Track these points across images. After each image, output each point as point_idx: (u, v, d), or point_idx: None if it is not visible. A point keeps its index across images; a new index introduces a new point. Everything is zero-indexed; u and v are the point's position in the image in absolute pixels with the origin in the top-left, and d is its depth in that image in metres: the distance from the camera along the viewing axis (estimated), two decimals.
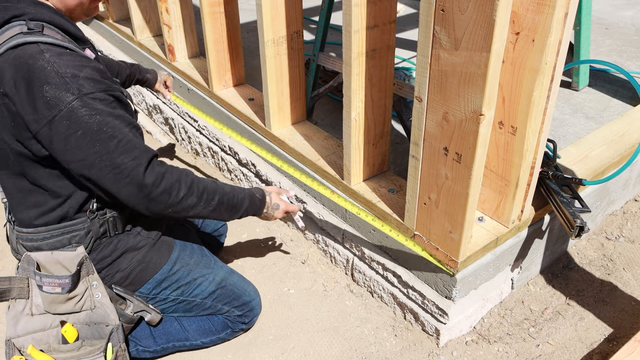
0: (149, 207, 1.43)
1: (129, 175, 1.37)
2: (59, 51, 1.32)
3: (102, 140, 1.32)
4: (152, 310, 1.65)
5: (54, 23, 1.38)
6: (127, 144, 1.36)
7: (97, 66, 1.38)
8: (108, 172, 1.35)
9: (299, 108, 2.32)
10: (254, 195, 1.65)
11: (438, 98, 1.42)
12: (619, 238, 2.21)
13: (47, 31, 1.35)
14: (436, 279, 1.73)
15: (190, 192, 1.48)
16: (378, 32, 1.68)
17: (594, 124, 2.55)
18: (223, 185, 1.59)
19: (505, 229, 1.73)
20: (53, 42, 1.32)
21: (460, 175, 1.47)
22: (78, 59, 1.35)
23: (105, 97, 1.35)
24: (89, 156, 1.33)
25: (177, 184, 1.45)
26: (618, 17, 3.92)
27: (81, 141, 1.31)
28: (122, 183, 1.37)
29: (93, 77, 1.34)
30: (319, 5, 3.59)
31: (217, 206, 1.54)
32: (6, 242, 2.27)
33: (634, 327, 1.81)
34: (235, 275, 1.81)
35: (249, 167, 2.49)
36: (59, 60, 1.30)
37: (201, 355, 1.78)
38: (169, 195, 1.43)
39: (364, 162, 1.92)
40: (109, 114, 1.34)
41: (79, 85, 1.30)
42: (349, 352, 1.79)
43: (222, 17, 2.45)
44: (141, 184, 1.38)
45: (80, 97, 1.29)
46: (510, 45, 1.45)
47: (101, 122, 1.32)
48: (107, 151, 1.33)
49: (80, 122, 1.30)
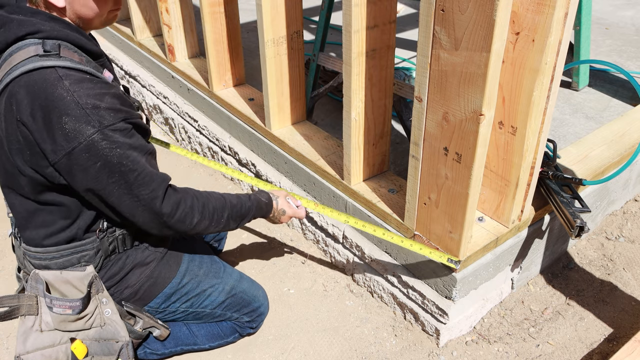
0: (163, 232, 1.45)
1: (146, 205, 1.38)
2: (78, 77, 1.28)
3: (122, 172, 1.32)
4: (160, 326, 1.65)
5: (70, 40, 1.34)
6: (145, 176, 1.36)
7: (117, 92, 1.35)
8: (126, 200, 1.36)
9: (299, 108, 2.32)
10: (260, 201, 1.66)
11: (438, 98, 1.42)
12: (619, 238, 2.21)
13: (64, 52, 1.31)
14: (436, 279, 1.73)
15: (203, 217, 1.49)
16: (378, 32, 1.68)
17: (594, 124, 2.54)
18: (230, 197, 1.59)
19: (505, 229, 1.73)
20: (71, 65, 1.28)
21: (460, 175, 1.47)
22: (99, 85, 1.31)
23: (125, 127, 1.33)
24: (108, 186, 1.33)
25: (190, 212, 1.46)
26: (618, 17, 3.92)
27: (101, 172, 1.31)
28: (139, 210, 1.39)
29: (114, 106, 1.31)
30: (319, 5, 3.59)
31: (227, 221, 1.57)
32: (6, 241, 2.27)
33: (634, 327, 1.81)
34: (245, 281, 1.80)
35: (249, 167, 2.49)
36: (79, 89, 1.27)
37: (201, 355, 1.78)
38: (183, 223, 1.45)
39: (364, 162, 1.92)
40: (128, 147, 1.33)
41: (99, 117, 1.27)
42: (349, 352, 1.79)
43: (222, 17, 2.45)
44: (158, 213, 1.40)
45: (101, 130, 1.27)
46: (510, 45, 1.45)
47: (121, 155, 1.31)
48: (125, 182, 1.34)
49: (100, 154, 1.28)
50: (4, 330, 1.86)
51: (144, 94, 3.26)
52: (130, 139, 1.34)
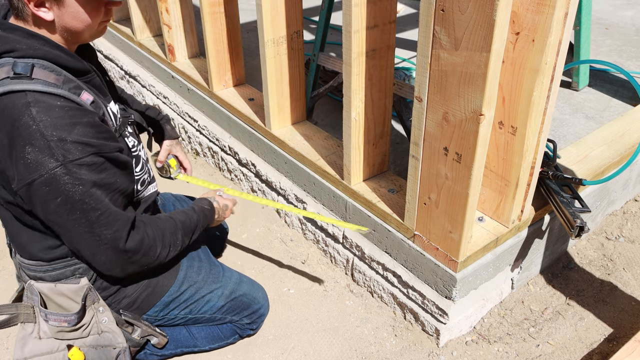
0: (126, 270, 1.41)
1: (109, 244, 1.33)
2: (47, 105, 1.21)
3: (84, 210, 1.26)
4: (158, 335, 1.64)
5: (48, 58, 1.26)
6: (108, 216, 1.30)
7: (91, 121, 1.26)
8: (87, 239, 1.31)
9: (299, 108, 2.32)
10: (204, 209, 1.65)
11: (438, 98, 1.42)
12: (619, 238, 2.21)
13: (37, 72, 1.23)
14: (436, 279, 1.73)
15: (164, 245, 1.47)
16: (378, 32, 1.68)
17: (594, 124, 2.54)
18: (177, 216, 1.56)
19: (505, 229, 1.73)
20: (43, 89, 1.22)
21: (460, 175, 1.47)
22: (70, 114, 1.23)
23: (93, 162, 1.25)
24: (68, 222, 1.28)
25: (154, 244, 1.43)
26: (618, 17, 3.92)
27: (60, 208, 1.25)
28: (100, 249, 1.33)
29: (82, 139, 1.23)
30: (319, 5, 3.59)
31: (182, 241, 1.54)
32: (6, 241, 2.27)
33: (634, 327, 1.81)
34: (245, 284, 1.78)
35: (249, 167, 2.49)
36: (46, 118, 1.20)
37: (201, 355, 1.78)
38: (147, 257, 1.43)
39: (364, 162, 1.92)
40: (93, 184, 1.26)
41: (64, 151, 1.20)
42: (349, 352, 1.79)
43: (222, 17, 2.45)
44: (122, 252, 1.35)
45: (64, 164, 1.21)
46: (510, 45, 1.45)
47: (84, 192, 1.25)
48: (87, 220, 1.28)
49: (61, 189, 1.22)
50: (4, 330, 1.86)
51: (144, 94, 3.26)
52: (97, 175, 1.27)
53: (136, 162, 1.49)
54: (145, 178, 1.57)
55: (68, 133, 1.21)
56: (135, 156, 1.49)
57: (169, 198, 2.01)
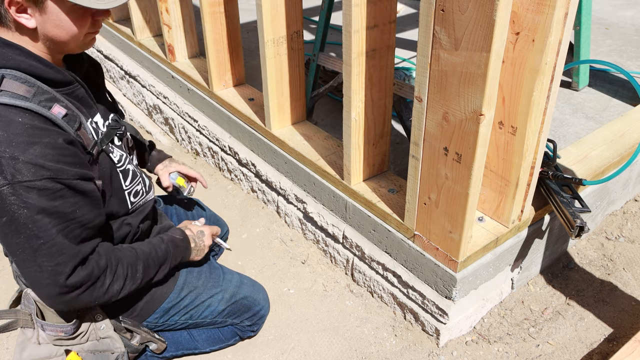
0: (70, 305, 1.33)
1: (49, 277, 1.25)
2: (8, 119, 1.16)
3: (27, 235, 1.20)
4: (157, 341, 1.63)
5: (22, 69, 1.21)
6: (51, 247, 1.22)
7: (52, 142, 1.19)
8: (28, 267, 1.24)
9: (299, 108, 2.32)
10: (174, 238, 1.58)
11: (438, 98, 1.42)
12: (619, 238, 2.21)
13: (7, 83, 1.19)
14: (436, 279, 1.73)
15: (116, 277, 1.38)
16: (378, 32, 1.68)
17: (594, 124, 2.54)
18: (141, 247, 1.49)
19: (505, 229, 1.73)
20: (8, 102, 1.16)
21: (460, 175, 1.47)
22: (30, 131, 1.17)
23: (46, 186, 1.18)
24: (12, 245, 1.22)
25: (102, 276, 1.34)
26: (618, 17, 3.92)
27: (5, 228, 1.19)
28: (42, 282, 1.26)
29: (37, 161, 1.16)
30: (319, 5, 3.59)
31: (143, 273, 1.46)
32: None
33: (634, 327, 1.81)
34: (245, 286, 1.76)
35: (249, 167, 2.49)
36: (3, 133, 1.14)
37: (201, 355, 1.78)
38: (92, 291, 1.33)
39: (364, 162, 1.92)
40: (40, 211, 1.18)
41: (14, 171, 1.14)
42: (349, 352, 1.79)
43: (222, 17, 2.45)
44: (62, 286, 1.27)
45: (12, 184, 1.14)
46: (510, 45, 1.45)
47: (28, 217, 1.18)
48: (29, 247, 1.21)
49: (6, 209, 1.16)
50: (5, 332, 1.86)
51: (144, 94, 3.26)
52: (49, 202, 1.19)
53: (124, 175, 1.47)
54: (139, 189, 1.55)
55: (22, 152, 1.15)
56: (123, 170, 1.46)
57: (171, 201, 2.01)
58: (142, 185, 1.57)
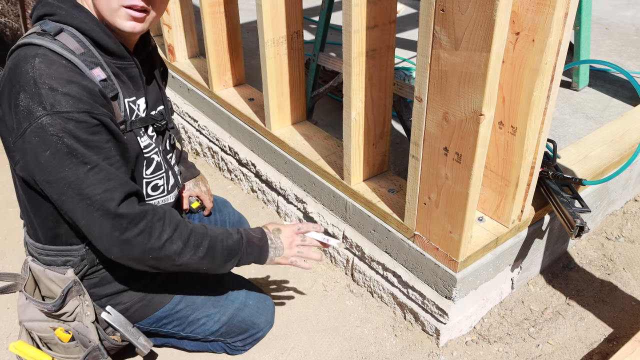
0: (124, 250, 1.27)
1: (100, 207, 1.22)
2: (52, 59, 1.21)
3: (72, 165, 1.20)
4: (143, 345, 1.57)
5: (81, 29, 1.28)
6: (98, 173, 1.21)
7: (89, 86, 1.23)
8: (78, 202, 1.22)
9: (299, 108, 2.32)
10: (250, 235, 1.51)
11: (438, 98, 1.42)
12: (619, 238, 2.21)
13: (62, 36, 1.25)
14: (436, 279, 1.73)
15: (176, 236, 1.32)
16: (378, 32, 1.68)
17: (594, 124, 2.55)
18: (213, 228, 1.45)
19: (505, 229, 1.73)
20: (57, 49, 1.22)
21: (460, 175, 1.47)
22: (70, 73, 1.21)
23: (84, 120, 1.20)
24: (58, 181, 1.21)
25: (159, 224, 1.30)
26: (618, 17, 3.92)
27: (49, 162, 1.19)
28: (93, 216, 1.22)
29: (76, 94, 1.19)
30: (319, 5, 3.59)
31: (208, 251, 1.39)
32: (6, 242, 2.27)
33: (634, 327, 1.81)
34: (248, 308, 1.70)
35: (249, 167, 2.49)
36: (45, 68, 1.19)
37: (200, 356, 1.78)
38: (149, 236, 1.28)
39: (364, 162, 1.92)
40: (79, 140, 1.20)
41: (53, 101, 1.17)
42: (349, 352, 1.79)
43: (222, 17, 2.45)
44: (115, 217, 1.23)
45: (51, 114, 1.17)
46: (510, 45, 1.45)
47: (70, 146, 1.19)
48: (76, 178, 1.20)
49: (48, 141, 1.18)
50: (4, 331, 1.87)
51: None
52: (87, 134, 1.21)
53: (147, 163, 1.46)
54: (160, 184, 1.53)
55: (61, 85, 1.19)
56: (147, 158, 1.45)
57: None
58: (164, 181, 1.55)
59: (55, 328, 1.50)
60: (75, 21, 1.28)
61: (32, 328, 1.53)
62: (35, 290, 1.53)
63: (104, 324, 1.54)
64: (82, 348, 1.52)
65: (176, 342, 1.75)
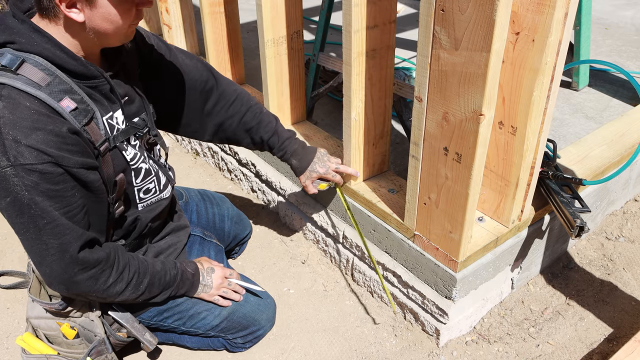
0: (70, 287, 1.35)
1: (54, 254, 1.28)
2: (17, 102, 1.18)
3: (31, 215, 1.23)
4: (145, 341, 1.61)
5: (44, 56, 1.24)
6: (55, 227, 1.26)
7: (56, 129, 1.21)
8: (34, 245, 1.28)
9: (299, 108, 2.32)
10: (186, 270, 1.61)
11: (438, 98, 1.42)
12: (619, 238, 2.21)
13: (25, 68, 1.22)
14: (436, 279, 1.73)
15: (120, 279, 1.41)
16: (378, 32, 1.68)
17: (594, 124, 2.55)
18: (155, 263, 1.53)
19: (505, 229, 1.73)
20: (20, 87, 1.20)
21: (460, 175, 1.47)
22: (35, 117, 1.19)
23: (48, 170, 1.20)
24: (17, 224, 1.26)
25: (108, 271, 1.38)
26: (618, 17, 3.92)
27: (10, 208, 1.23)
28: (46, 260, 1.29)
29: (39, 146, 1.18)
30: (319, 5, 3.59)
31: (147, 288, 1.49)
32: (6, 241, 2.27)
33: (634, 327, 1.81)
34: (249, 304, 1.73)
35: (249, 167, 2.49)
36: (9, 115, 1.17)
37: (200, 356, 1.78)
38: (96, 281, 1.36)
39: (364, 162, 1.92)
40: (41, 193, 1.21)
41: (16, 153, 1.17)
42: (349, 352, 1.79)
43: (222, 17, 2.46)
44: (67, 265, 1.30)
45: (14, 165, 1.18)
46: (510, 45, 1.45)
47: (31, 199, 1.21)
48: (34, 226, 1.25)
49: (10, 189, 1.20)
50: (4, 331, 1.87)
51: None
52: (51, 185, 1.22)
53: (135, 173, 1.48)
54: (151, 187, 1.55)
55: (24, 136, 1.17)
56: (135, 169, 1.47)
57: (194, 197, 2.01)
58: (155, 184, 1.57)
59: (62, 324, 1.52)
60: (37, 48, 1.23)
61: (38, 326, 1.56)
62: (42, 291, 1.55)
63: (110, 320, 1.57)
64: (86, 344, 1.55)
65: (177, 339, 1.76)
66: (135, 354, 1.78)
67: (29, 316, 1.57)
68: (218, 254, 1.86)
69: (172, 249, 1.70)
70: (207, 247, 1.85)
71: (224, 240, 2.02)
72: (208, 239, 1.88)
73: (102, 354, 1.56)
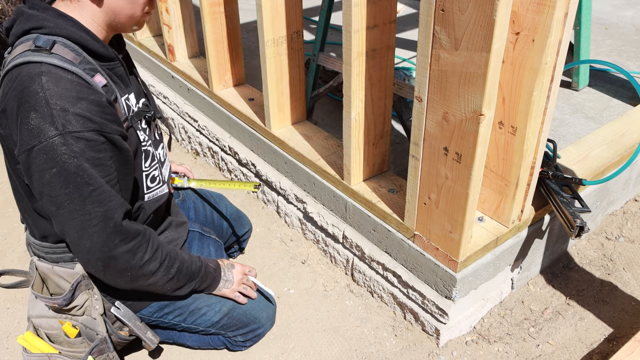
0: (108, 264, 1.36)
1: (98, 224, 1.30)
2: (58, 76, 1.24)
3: (77, 184, 1.26)
4: (150, 339, 1.61)
5: (72, 38, 1.30)
6: (101, 194, 1.29)
7: (97, 99, 1.28)
8: (76, 217, 1.29)
9: (299, 108, 2.32)
10: (208, 265, 1.63)
11: (438, 98, 1.42)
12: (619, 238, 2.21)
13: (57, 48, 1.28)
14: (436, 279, 1.73)
15: (155, 257, 1.43)
16: (378, 32, 1.68)
17: (594, 124, 2.55)
18: (181, 251, 1.56)
19: (505, 229, 1.73)
20: (57, 63, 1.25)
21: (460, 175, 1.47)
22: (78, 88, 1.26)
23: (93, 138, 1.26)
24: (60, 196, 1.27)
25: (145, 245, 1.40)
26: (618, 17, 3.92)
27: (55, 179, 1.25)
28: (88, 231, 1.30)
29: (85, 114, 1.24)
30: (319, 5, 3.59)
31: (176, 274, 1.50)
32: (6, 241, 2.27)
33: (634, 327, 1.81)
34: (249, 303, 1.73)
35: (249, 167, 2.49)
36: (54, 87, 1.23)
37: (201, 355, 1.78)
38: (133, 255, 1.38)
39: (364, 162, 1.92)
40: (88, 160, 1.26)
41: (65, 121, 1.22)
42: (349, 352, 1.79)
43: (222, 17, 2.45)
44: (109, 236, 1.32)
45: (63, 134, 1.22)
46: (510, 45, 1.45)
47: (79, 166, 1.25)
48: (79, 195, 1.27)
49: (57, 159, 1.23)
50: (4, 331, 1.87)
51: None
52: (95, 153, 1.27)
53: (145, 156, 1.51)
54: (156, 175, 1.58)
55: (72, 105, 1.23)
56: (145, 150, 1.50)
57: (191, 195, 2.02)
58: (159, 172, 1.60)
59: (64, 322, 1.53)
60: (64, 31, 1.29)
61: (39, 325, 1.56)
62: (44, 289, 1.56)
63: (112, 319, 1.58)
64: (88, 343, 1.56)
65: (177, 337, 1.76)
66: (136, 353, 1.78)
67: (30, 315, 1.58)
68: (218, 250, 1.86)
69: (172, 244, 1.71)
70: (206, 242, 1.85)
71: (223, 237, 2.03)
72: (207, 234, 1.88)
73: (104, 353, 1.56)
